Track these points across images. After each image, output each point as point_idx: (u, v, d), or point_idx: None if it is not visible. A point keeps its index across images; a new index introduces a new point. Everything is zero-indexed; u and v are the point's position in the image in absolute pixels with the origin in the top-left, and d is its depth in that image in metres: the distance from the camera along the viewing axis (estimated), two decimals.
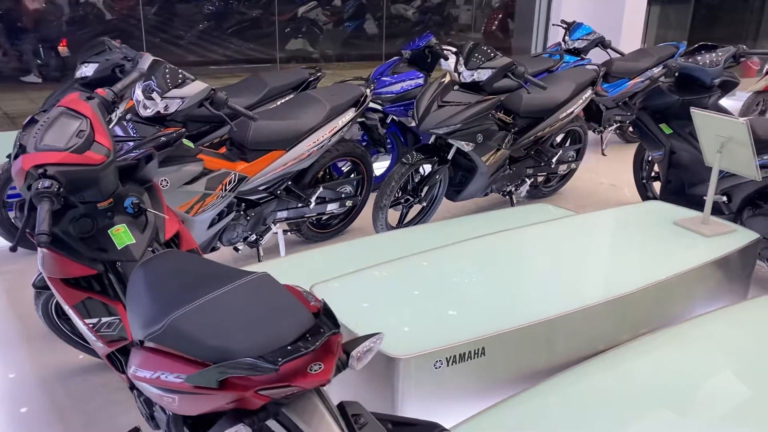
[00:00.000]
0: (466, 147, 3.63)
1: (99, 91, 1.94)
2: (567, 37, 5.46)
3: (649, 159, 4.27)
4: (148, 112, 2.70)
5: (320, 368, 1.17)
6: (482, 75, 3.58)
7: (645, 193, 4.41)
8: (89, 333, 1.89)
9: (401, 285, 2.37)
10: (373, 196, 3.88)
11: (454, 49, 3.89)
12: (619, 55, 5.53)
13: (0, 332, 2.86)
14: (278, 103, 3.80)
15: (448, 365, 1.99)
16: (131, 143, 2.68)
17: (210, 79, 7.31)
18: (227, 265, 1.50)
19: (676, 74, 3.73)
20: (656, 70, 5.86)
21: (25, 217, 1.72)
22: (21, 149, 1.76)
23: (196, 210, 2.90)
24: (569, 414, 1.87)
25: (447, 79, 3.72)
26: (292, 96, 3.85)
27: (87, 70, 3.23)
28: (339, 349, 1.22)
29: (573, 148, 4.54)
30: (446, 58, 4.34)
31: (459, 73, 3.63)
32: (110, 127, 1.99)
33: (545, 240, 2.83)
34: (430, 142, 3.80)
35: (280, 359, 1.11)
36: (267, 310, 1.24)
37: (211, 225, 3.06)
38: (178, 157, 2.80)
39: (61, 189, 1.67)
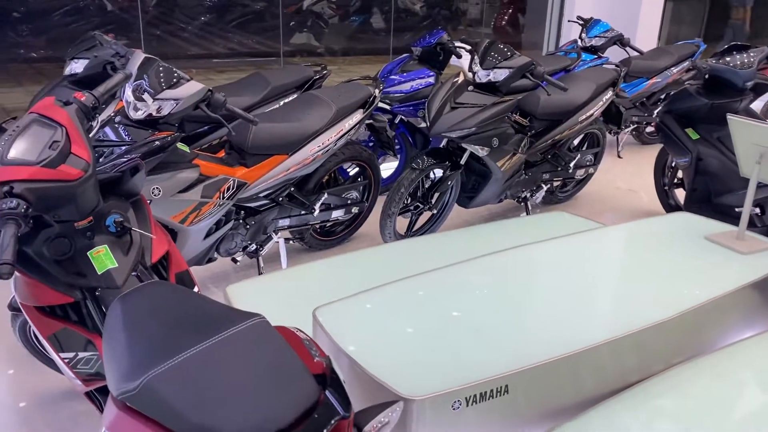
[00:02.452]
0: (481, 152, 3.41)
1: (77, 95, 1.72)
2: (584, 35, 5.22)
3: (672, 165, 4.04)
4: (140, 115, 2.48)
5: None
6: (499, 75, 3.35)
7: (666, 201, 4.18)
8: (66, 368, 1.68)
9: (413, 309, 2.16)
10: (380, 201, 3.66)
11: (468, 47, 3.67)
12: (637, 54, 5.29)
13: None
14: (281, 103, 3.58)
15: (467, 405, 1.78)
16: (122, 148, 2.47)
17: (212, 73, 7.11)
18: (221, 303, 1.29)
19: (706, 76, 3.49)
20: (675, 70, 5.63)
21: None
22: None
23: (192, 220, 2.69)
24: None
25: (460, 78, 3.49)
26: (295, 96, 3.63)
27: (76, 66, 3.01)
28: (350, 430, 1.01)
29: (591, 152, 4.31)
30: (459, 56, 4.11)
31: (474, 73, 3.40)
32: (90, 135, 1.78)
33: (567, 258, 2.61)
34: (441, 146, 3.58)
35: None
36: (262, 372, 1.02)
37: (207, 235, 2.84)
38: (172, 163, 2.58)
39: (30, 209, 1.46)
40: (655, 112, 5.70)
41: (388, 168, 4.57)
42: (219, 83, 3.86)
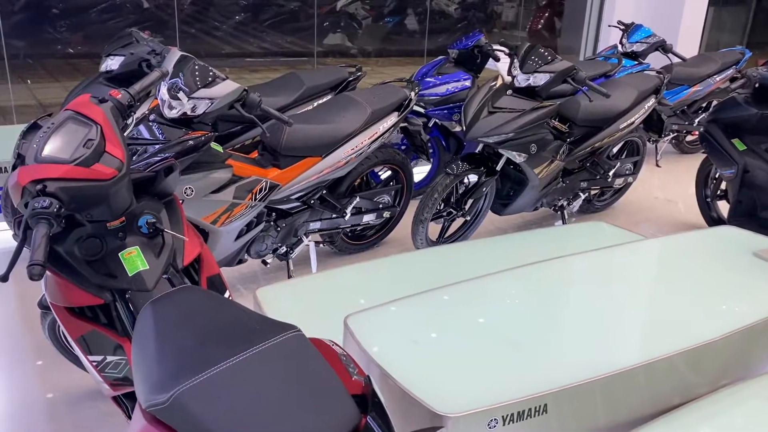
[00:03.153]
0: (518, 158, 3.32)
1: (113, 92, 1.69)
2: (624, 40, 5.08)
3: (716, 176, 3.90)
4: (174, 113, 2.46)
5: None
6: (539, 79, 3.26)
7: (708, 213, 4.04)
8: (93, 371, 1.65)
9: (448, 320, 2.08)
10: (412, 205, 3.60)
11: (507, 50, 3.58)
12: (679, 60, 5.14)
13: (3, 350, 2.65)
14: (315, 104, 3.53)
15: (504, 425, 1.71)
16: (155, 146, 2.44)
17: (245, 72, 7.12)
18: (254, 312, 1.24)
19: (756, 85, 3.35)
20: (718, 78, 5.46)
21: (20, 239, 1.47)
22: (20, 160, 1.52)
23: (223, 221, 2.66)
24: None
25: (498, 82, 3.41)
26: (330, 97, 3.58)
27: (112, 63, 3.01)
28: None
29: (630, 161, 4.19)
30: (497, 59, 4.02)
31: (513, 77, 3.31)
32: (125, 134, 1.75)
33: (609, 271, 2.51)
34: (476, 151, 3.50)
35: None
36: (298, 391, 0.96)
37: (238, 236, 2.81)
38: (205, 163, 2.55)
39: (62, 209, 1.42)
40: (696, 120, 5.54)
41: (420, 172, 4.50)
42: (253, 83, 3.83)
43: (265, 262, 3.06)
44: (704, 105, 5.72)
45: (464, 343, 1.95)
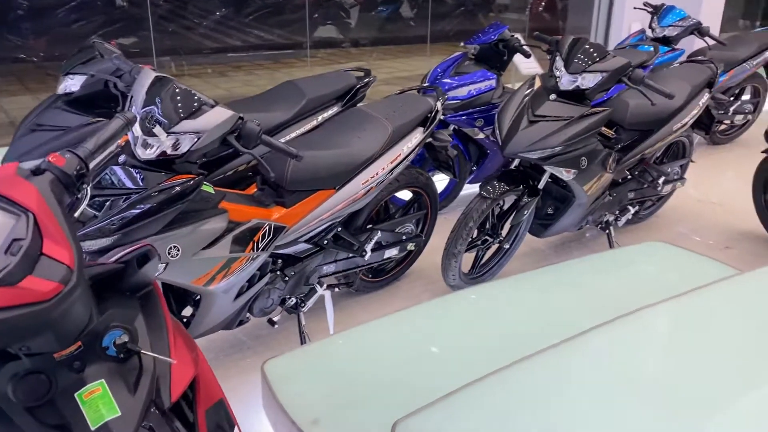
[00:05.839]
0: (566, 175, 2.79)
1: (53, 157, 1.13)
2: (654, 24, 4.54)
3: None
4: (150, 153, 1.89)
5: None
6: (589, 81, 2.72)
7: None
8: None
9: (523, 418, 1.55)
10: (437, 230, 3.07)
11: (545, 46, 3.04)
12: (718, 44, 4.61)
13: None
14: (319, 118, 2.97)
15: None
16: (129, 197, 1.89)
17: (229, 69, 6.50)
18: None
19: None
20: (755, 62, 4.95)
21: None
22: None
23: (219, 280, 2.11)
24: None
25: (537, 84, 2.87)
26: (337, 109, 3.02)
27: (72, 83, 2.43)
28: None
29: (678, 164, 3.68)
30: (528, 55, 3.48)
31: (557, 78, 2.77)
32: (76, 215, 1.20)
33: (712, 326, 1.98)
34: (513, 167, 2.96)
35: None
36: None
37: (238, 295, 2.26)
38: (194, 212, 1.99)
39: None
40: (732, 109, 5.03)
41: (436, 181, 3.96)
42: (237, 79, 3.23)
43: (272, 322, 2.51)
44: (737, 92, 5.22)
45: None
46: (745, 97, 5.35)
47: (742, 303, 2.03)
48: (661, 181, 3.44)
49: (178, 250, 1.94)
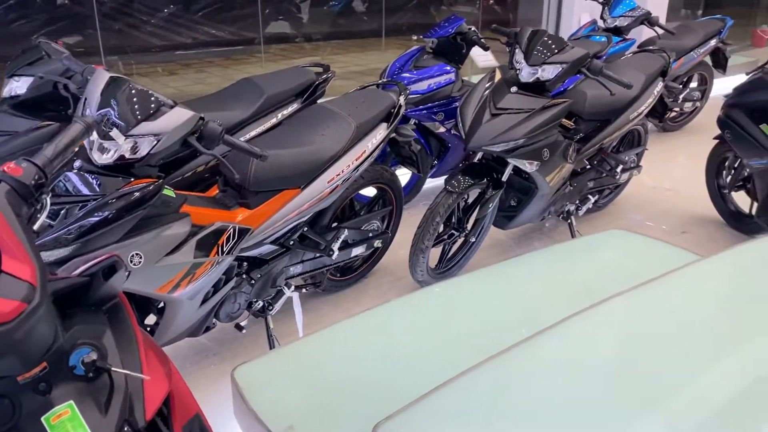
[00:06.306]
0: (530, 167, 2.81)
1: (9, 166, 1.06)
2: (606, 14, 4.61)
3: (735, 165, 3.50)
4: (107, 158, 1.81)
5: None
6: (549, 72, 2.74)
7: (724, 206, 3.65)
8: None
9: (505, 412, 1.54)
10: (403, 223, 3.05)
11: (504, 39, 3.04)
12: (667, 34, 4.72)
13: None
14: (279, 115, 2.91)
15: None
16: (87, 204, 1.80)
17: (178, 67, 6.33)
18: None
19: None
20: (701, 51, 5.09)
21: None
22: None
23: (184, 287, 2.04)
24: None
25: (497, 77, 2.87)
26: (297, 106, 2.97)
27: (18, 86, 2.31)
28: None
29: (634, 152, 3.74)
30: (486, 48, 3.49)
31: (517, 71, 2.78)
32: (35, 227, 1.13)
33: (681, 312, 2.01)
34: (476, 160, 2.96)
35: None
36: None
37: (204, 301, 2.20)
38: (155, 217, 1.92)
39: None
40: (681, 96, 5.16)
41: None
42: (188, 77, 3.14)
43: (239, 327, 2.45)
44: (685, 80, 5.36)
45: None
46: (693, 84, 5.49)
47: (708, 287, 2.07)
48: (619, 169, 3.49)
49: (141, 258, 1.87)
